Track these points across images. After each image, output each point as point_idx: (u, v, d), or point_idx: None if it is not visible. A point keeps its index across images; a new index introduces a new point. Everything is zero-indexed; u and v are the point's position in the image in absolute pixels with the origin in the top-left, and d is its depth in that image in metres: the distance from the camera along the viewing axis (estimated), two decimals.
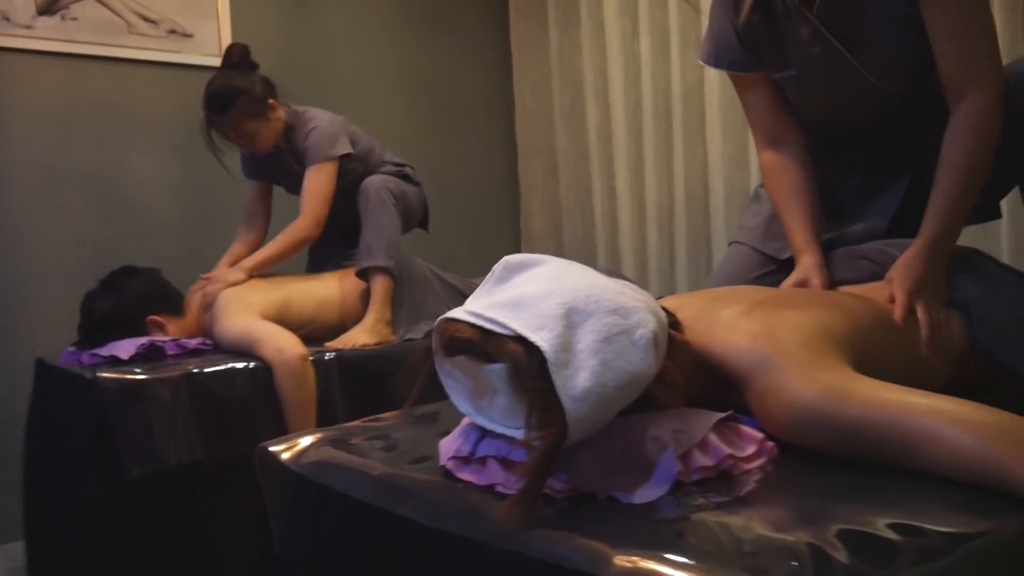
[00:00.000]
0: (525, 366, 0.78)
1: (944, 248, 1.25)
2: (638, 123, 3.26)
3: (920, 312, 1.18)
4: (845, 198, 1.55)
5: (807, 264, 1.43)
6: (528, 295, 0.83)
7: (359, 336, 2.19)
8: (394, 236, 2.32)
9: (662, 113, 3.16)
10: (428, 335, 2.37)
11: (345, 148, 2.38)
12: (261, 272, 2.33)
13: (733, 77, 1.57)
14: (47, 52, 2.75)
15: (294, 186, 2.53)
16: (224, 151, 2.35)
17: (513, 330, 0.80)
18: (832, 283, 1.41)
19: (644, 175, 3.24)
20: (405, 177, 2.52)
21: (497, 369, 0.81)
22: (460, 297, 2.49)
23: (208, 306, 2.19)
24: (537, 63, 3.73)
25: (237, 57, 2.31)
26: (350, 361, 2.10)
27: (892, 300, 1.20)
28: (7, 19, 2.67)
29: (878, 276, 1.33)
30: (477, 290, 0.91)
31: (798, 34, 1.40)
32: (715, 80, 2.90)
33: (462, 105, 3.78)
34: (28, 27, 2.70)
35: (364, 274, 2.31)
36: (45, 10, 2.73)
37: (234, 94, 2.24)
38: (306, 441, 1.12)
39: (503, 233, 3.91)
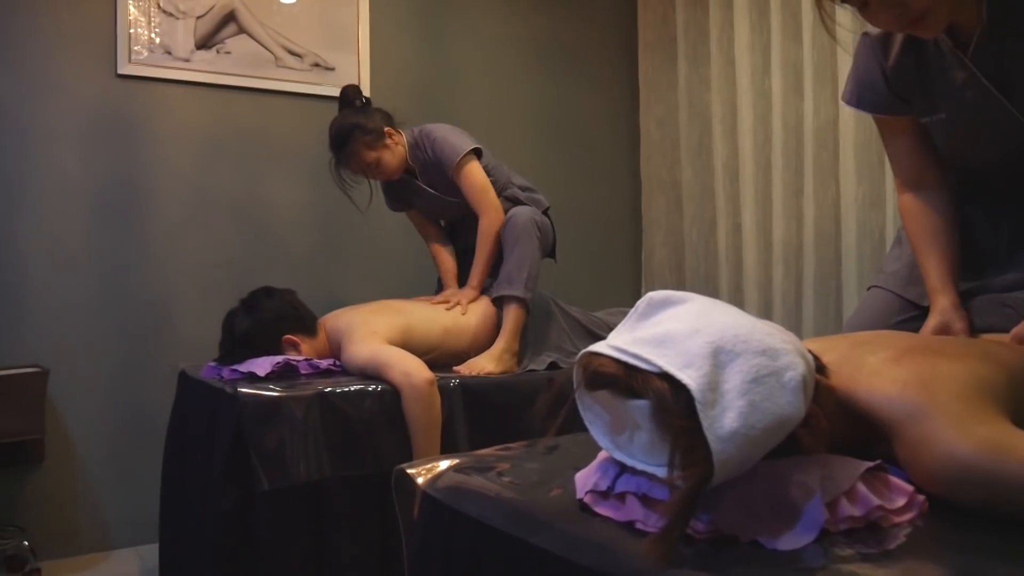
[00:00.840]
0: (671, 403, 0.78)
1: None
2: (767, 159, 3.21)
3: None
4: (996, 245, 1.49)
5: (943, 306, 1.39)
6: (674, 332, 0.83)
7: (486, 364, 2.22)
8: (535, 269, 2.37)
9: (792, 150, 3.10)
10: (553, 365, 2.39)
11: (472, 143, 2.47)
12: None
13: (878, 120, 1.53)
14: (202, 83, 2.94)
15: (428, 206, 2.62)
16: (354, 186, 2.50)
17: (659, 367, 0.80)
18: (975, 331, 1.35)
19: (772, 212, 3.18)
20: (537, 203, 2.58)
21: (641, 405, 0.81)
22: (581, 330, 2.49)
23: None
24: (664, 98, 3.73)
25: (351, 97, 2.47)
26: (474, 388, 2.13)
27: None
28: (169, 52, 2.86)
29: None
30: (619, 326, 0.91)
31: (950, 77, 1.35)
32: (850, 118, 2.83)
33: (588, 138, 3.81)
34: (186, 60, 2.89)
35: (499, 301, 2.35)
36: (203, 44, 2.91)
37: (350, 130, 2.40)
38: (442, 465, 1.14)
39: (624, 267, 3.90)
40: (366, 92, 3.10)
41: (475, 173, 2.45)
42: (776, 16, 3.09)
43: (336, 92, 2.53)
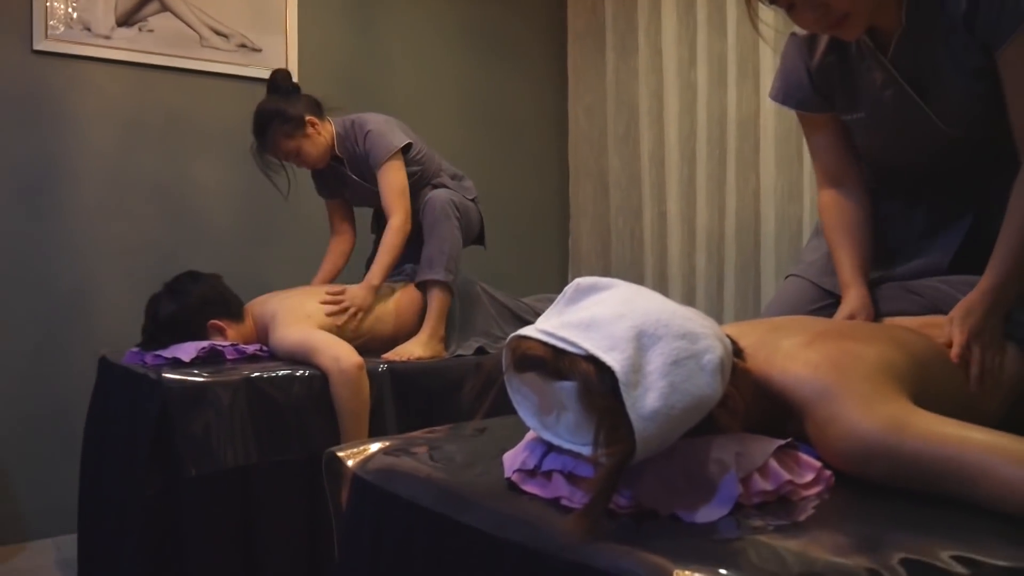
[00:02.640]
0: (596, 385, 0.81)
1: (1006, 296, 1.26)
2: (691, 150, 3.28)
3: (976, 353, 1.20)
4: (907, 236, 1.57)
5: (853, 298, 1.46)
6: (600, 317, 0.86)
7: (414, 349, 2.23)
8: (455, 251, 2.37)
9: (716, 141, 3.19)
10: (480, 350, 2.42)
11: (404, 139, 2.44)
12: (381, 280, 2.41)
13: (801, 116, 1.59)
14: (123, 62, 2.86)
15: (357, 196, 2.61)
16: (275, 171, 2.46)
17: (585, 350, 0.83)
18: (880, 316, 1.43)
19: (696, 201, 3.26)
20: (464, 190, 2.58)
21: (568, 387, 0.84)
22: (509, 315, 2.52)
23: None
24: (592, 87, 3.77)
25: (279, 82, 2.43)
26: (402, 373, 2.14)
27: (950, 341, 1.22)
28: (88, 29, 2.78)
29: (928, 311, 1.35)
30: (548, 310, 0.94)
31: (871, 78, 1.42)
32: (771, 112, 2.92)
33: (517, 126, 3.84)
34: (107, 37, 2.81)
35: (422, 286, 2.36)
36: (124, 21, 2.84)
37: (269, 116, 2.37)
38: (372, 448, 1.16)
39: (551, 254, 3.94)
40: (294, 75, 3.07)
41: (395, 174, 2.41)
42: (702, 10, 3.16)
43: (263, 74, 2.50)
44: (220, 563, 1.84)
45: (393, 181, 2.41)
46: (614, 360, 0.81)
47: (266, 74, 2.48)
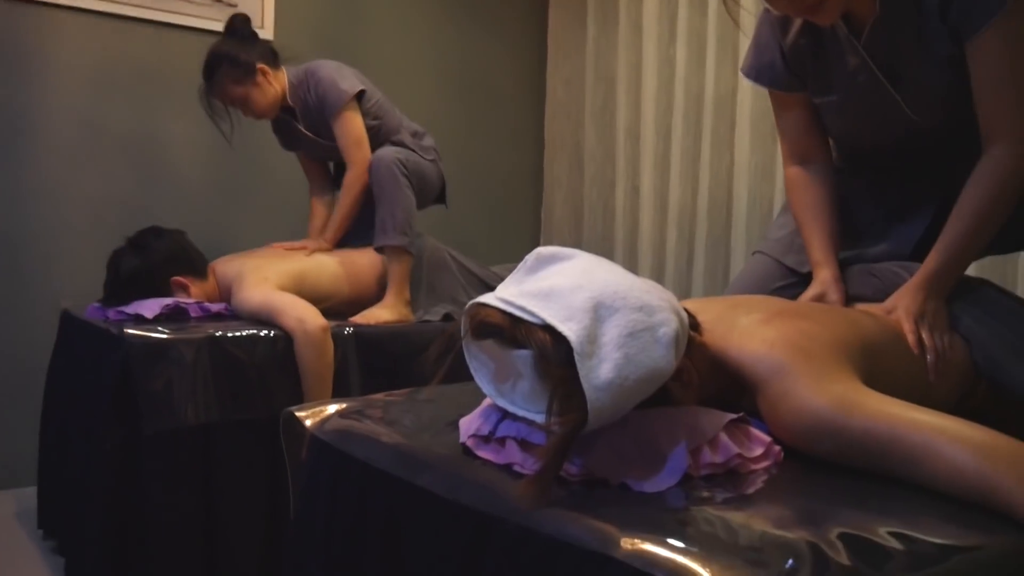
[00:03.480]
0: (551, 354, 0.82)
1: (944, 283, 1.30)
2: (667, 126, 3.29)
3: (926, 338, 1.22)
4: (874, 218, 1.58)
5: (824, 278, 1.47)
6: (558, 287, 0.87)
7: (381, 313, 2.23)
8: (408, 213, 2.31)
9: (692, 118, 3.19)
10: (447, 317, 2.42)
11: (358, 85, 2.39)
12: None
13: (772, 94, 1.60)
14: (95, 11, 2.80)
15: (311, 151, 2.56)
16: (222, 116, 2.39)
17: (542, 319, 0.84)
18: (848, 298, 1.45)
19: (669, 177, 3.27)
20: (423, 149, 2.50)
21: (523, 355, 0.85)
22: (477, 282, 2.52)
23: None
24: (571, 59, 3.76)
25: (235, 25, 2.37)
26: (368, 337, 2.14)
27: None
28: None
29: (885, 295, 1.37)
30: (508, 278, 0.94)
31: (844, 62, 1.43)
32: (747, 91, 2.92)
33: (494, 95, 3.81)
34: None
35: (381, 251, 2.34)
36: None
37: (219, 60, 2.31)
38: (330, 409, 1.16)
39: (523, 224, 3.94)
40: (268, 32, 3.03)
41: (352, 123, 2.37)
42: None
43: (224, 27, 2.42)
44: (180, 518, 1.85)
45: (349, 130, 2.36)
46: (570, 330, 0.82)
47: None
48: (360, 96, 2.41)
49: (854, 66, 1.42)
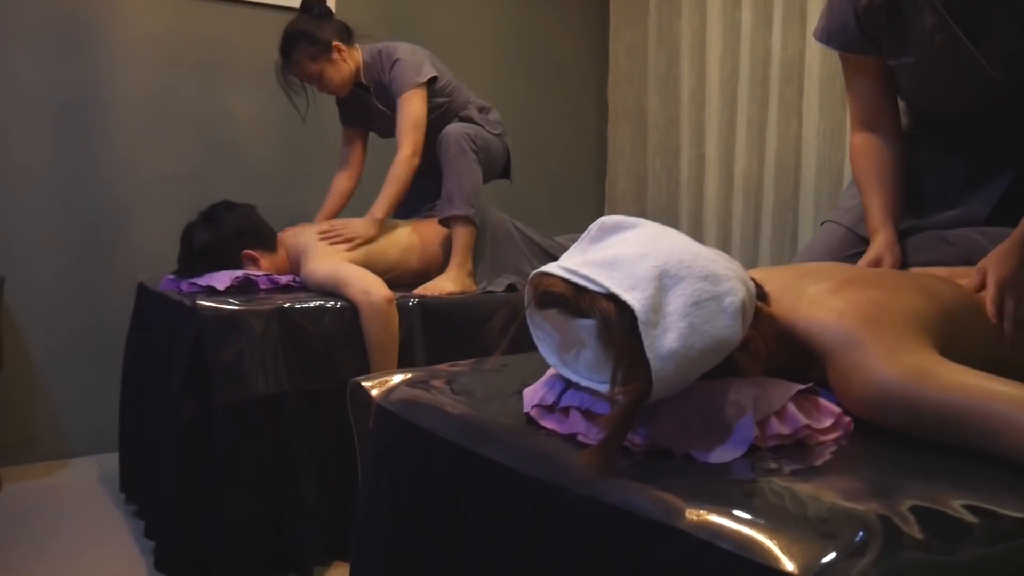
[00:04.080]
0: (615, 323, 0.81)
1: None
2: (733, 91, 3.22)
3: (1009, 306, 1.17)
4: (949, 185, 1.53)
5: (880, 242, 1.45)
6: (622, 256, 0.86)
7: (444, 284, 2.25)
8: (475, 185, 2.35)
9: (759, 82, 3.11)
10: (510, 287, 2.43)
11: (430, 72, 2.41)
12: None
13: (844, 58, 1.55)
14: None
15: (384, 128, 2.58)
16: (296, 92, 2.43)
17: (606, 288, 0.83)
18: (912, 264, 1.41)
19: (735, 144, 3.20)
20: (490, 124, 2.53)
21: (588, 324, 0.84)
22: (542, 253, 2.52)
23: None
24: (633, 25, 3.69)
25: (310, 3, 2.40)
26: (432, 308, 2.16)
27: (981, 287, 1.20)
28: None
29: (961, 261, 1.33)
30: (572, 248, 0.94)
31: (921, 21, 1.37)
32: (816, 54, 2.84)
33: (556, 65, 3.78)
34: None
35: (447, 222, 2.36)
36: None
37: (296, 37, 2.35)
38: (396, 379, 1.18)
39: (587, 194, 3.92)
40: (332, 4, 3.04)
41: (416, 105, 2.38)
42: None
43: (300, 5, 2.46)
44: (251, 486, 1.90)
45: (410, 112, 2.38)
46: (634, 299, 0.81)
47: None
48: (431, 82, 2.43)
49: (932, 25, 1.36)
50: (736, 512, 0.72)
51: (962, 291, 1.17)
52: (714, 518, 0.72)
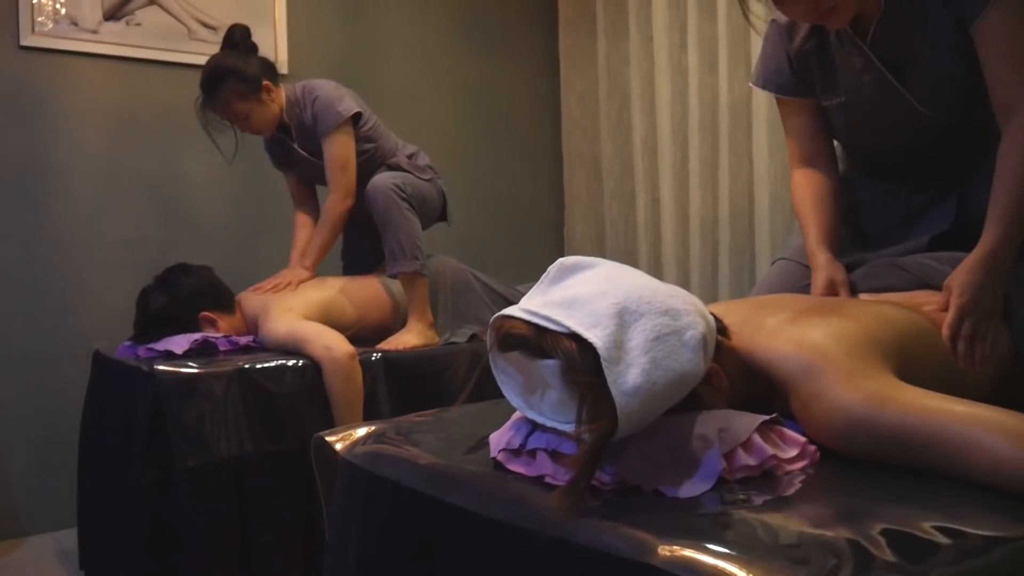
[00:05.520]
0: (578, 362, 0.81)
1: (1005, 256, 1.24)
2: (684, 135, 3.28)
3: (967, 327, 1.19)
4: (891, 219, 1.57)
5: (822, 261, 1.47)
6: (582, 295, 0.86)
7: (408, 338, 2.23)
8: (414, 236, 2.28)
9: (708, 126, 3.18)
10: (473, 337, 2.42)
11: (353, 108, 2.35)
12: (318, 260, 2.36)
13: (780, 100, 1.61)
14: (111, 56, 2.85)
15: (307, 174, 2.52)
16: (218, 131, 2.35)
17: (567, 327, 0.83)
18: (868, 291, 1.43)
19: (689, 187, 3.25)
20: (419, 169, 2.46)
21: (551, 364, 0.84)
22: (503, 302, 2.52)
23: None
24: (584, 74, 3.77)
25: (237, 38, 2.32)
26: (396, 361, 2.14)
27: (945, 307, 1.21)
28: (75, 24, 2.77)
29: (917, 286, 1.35)
30: (532, 290, 0.94)
31: (850, 63, 1.43)
32: (762, 96, 2.91)
33: (510, 114, 3.83)
34: (94, 32, 2.80)
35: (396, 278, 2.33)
36: (111, 16, 2.83)
37: (224, 73, 2.26)
38: (360, 432, 1.16)
39: (546, 241, 3.94)
40: (283, 67, 3.06)
41: (341, 145, 2.33)
42: None
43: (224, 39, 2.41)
44: (217, 552, 1.85)
45: (337, 153, 2.33)
46: (596, 337, 0.82)
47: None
48: (356, 119, 2.38)
49: (860, 66, 1.42)
50: (708, 545, 0.72)
51: (917, 316, 1.19)
52: (687, 552, 0.71)
